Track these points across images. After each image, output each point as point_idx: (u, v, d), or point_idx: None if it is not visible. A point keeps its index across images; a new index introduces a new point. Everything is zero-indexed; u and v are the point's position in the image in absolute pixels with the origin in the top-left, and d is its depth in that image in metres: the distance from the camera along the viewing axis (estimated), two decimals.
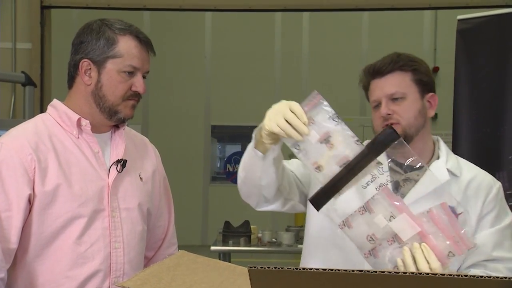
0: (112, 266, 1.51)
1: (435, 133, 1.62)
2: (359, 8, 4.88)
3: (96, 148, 1.53)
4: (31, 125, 1.52)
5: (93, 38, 1.51)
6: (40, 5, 4.48)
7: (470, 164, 1.61)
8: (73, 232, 1.47)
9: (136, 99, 1.53)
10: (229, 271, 1.31)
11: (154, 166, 1.67)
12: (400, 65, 1.51)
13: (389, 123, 1.49)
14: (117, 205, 1.53)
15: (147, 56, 1.54)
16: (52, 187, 1.46)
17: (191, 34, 7.67)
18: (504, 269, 1.49)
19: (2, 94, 4.51)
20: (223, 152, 8.55)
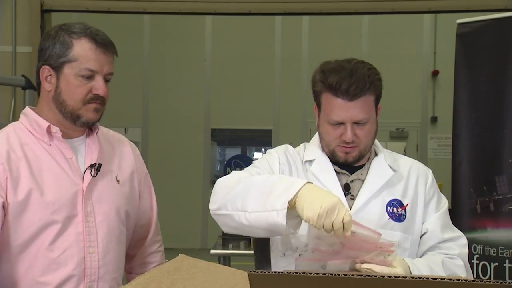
0: (86, 271, 1.51)
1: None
2: (359, 12, 4.89)
3: (69, 153, 1.52)
4: (2, 135, 1.52)
5: (50, 44, 1.50)
6: (40, 9, 4.48)
7: (401, 156, 1.68)
8: (46, 239, 1.47)
9: (99, 101, 1.51)
10: (229, 275, 1.31)
11: (132, 167, 1.66)
12: (370, 90, 1.48)
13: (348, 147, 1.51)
14: (92, 210, 1.52)
15: (106, 58, 1.51)
16: (24, 196, 1.45)
17: (191, 37, 7.68)
18: (455, 246, 1.57)
19: (2, 97, 4.51)
20: (223, 156, 8.55)
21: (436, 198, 1.61)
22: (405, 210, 1.54)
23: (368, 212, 1.52)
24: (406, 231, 1.54)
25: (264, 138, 8.01)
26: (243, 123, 7.81)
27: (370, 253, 1.31)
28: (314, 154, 1.60)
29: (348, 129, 1.49)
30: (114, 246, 1.56)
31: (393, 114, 7.53)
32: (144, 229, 1.71)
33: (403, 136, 7.60)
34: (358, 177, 1.57)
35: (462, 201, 2.88)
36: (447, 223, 1.60)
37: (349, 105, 1.48)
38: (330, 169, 1.56)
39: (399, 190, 1.56)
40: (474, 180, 2.88)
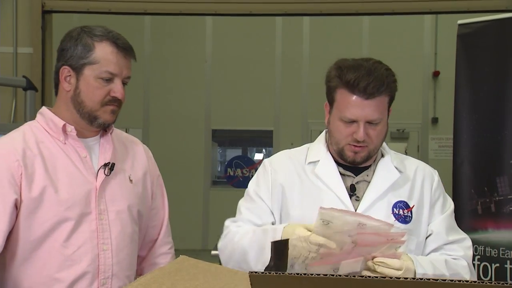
0: (100, 267, 1.53)
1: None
2: (359, 13, 4.89)
3: (84, 152, 1.55)
4: (19, 133, 1.55)
5: (72, 45, 1.53)
6: (41, 10, 4.49)
7: (408, 157, 1.68)
8: (60, 235, 1.50)
9: (116, 104, 1.54)
10: (230, 276, 1.31)
11: (145, 167, 1.69)
12: (387, 90, 1.49)
13: (358, 146, 1.51)
14: (105, 208, 1.55)
15: (126, 62, 1.55)
16: (38, 193, 1.48)
17: (191, 38, 7.68)
18: (459, 248, 1.57)
19: (3, 98, 4.51)
20: (223, 156, 8.55)
21: (442, 199, 1.60)
22: (411, 212, 1.54)
23: (373, 214, 1.48)
24: (411, 233, 1.53)
25: (264, 138, 8.01)
26: (244, 124, 7.81)
27: (382, 247, 1.30)
28: (319, 155, 1.58)
29: (361, 127, 1.48)
30: (127, 244, 1.58)
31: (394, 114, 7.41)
32: (155, 230, 1.73)
33: (404, 137, 7.59)
34: (363, 179, 1.56)
35: (463, 202, 2.88)
36: (452, 225, 1.60)
37: (365, 104, 1.47)
38: (334, 171, 1.55)
39: (405, 191, 1.56)
40: (475, 181, 2.88)
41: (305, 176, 1.57)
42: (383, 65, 1.53)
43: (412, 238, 1.53)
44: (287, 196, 1.57)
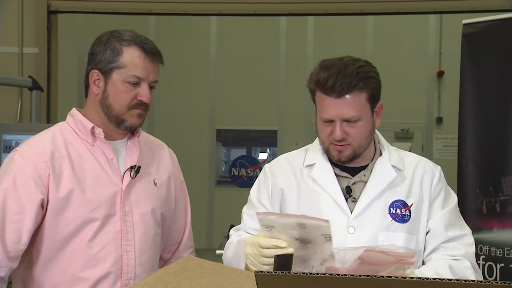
0: (123, 268, 1.56)
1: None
2: (363, 13, 4.89)
3: (111, 154, 1.59)
4: (49, 134, 1.59)
5: (101, 49, 1.56)
6: (47, 10, 4.51)
7: (409, 153, 1.65)
8: (86, 235, 1.53)
9: (142, 108, 1.57)
10: (235, 275, 1.31)
11: (169, 171, 1.72)
12: (358, 87, 1.46)
13: (340, 145, 1.50)
14: (129, 210, 1.58)
15: (153, 66, 1.57)
16: (65, 193, 1.52)
17: (196, 38, 7.69)
18: (460, 245, 1.55)
19: (9, 98, 4.53)
20: (228, 156, 8.56)
21: (442, 195, 1.58)
22: (409, 210, 1.53)
23: (370, 215, 1.51)
24: (411, 232, 1.52)
25: (269, 138, 8.01)
26: (248, 123, 7.81)
27: (390, 267, 1.28)
28: (315, 158, 1.58)
29: (337, 127, 1.47)
30: (149, 246, 1.60)
31: (398, 114, 7.51)
32: (178, 234, 1.77)
33: (408, 137, 7.58)
34: (360, 179, 1.55)
35: (468, 202, 2.88)
36: (453, 220, 1.57)
37: (337, 103, 1.46)
38: (330, 173, 1.55)
39: (403, 190, 1.54)
40: (480, 181, 2.88)
41: (302, 180, 1.57)
42: (358, 62, 1.49)
43: (411, 237, 1.52)
44: (286, 200, 1.57)
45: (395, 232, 1.51)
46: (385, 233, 1.50)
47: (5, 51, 4.51)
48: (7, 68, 4.48)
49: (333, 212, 1.51)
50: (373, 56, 7.76)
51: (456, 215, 1.59)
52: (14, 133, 4.11)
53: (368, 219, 1.51)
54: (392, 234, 1.50)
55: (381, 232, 1.50)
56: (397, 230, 1.51)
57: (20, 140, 4.09)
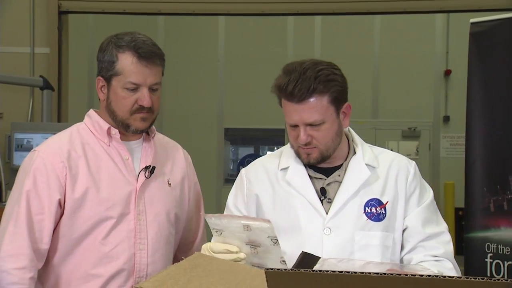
0: (135, 266, 1.58)
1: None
2: (371, 12, 4.89)
3: (126, 155, 1.60)
4: (66, 134, 1.62)
5: (101, 56, 1.58)
6: (57, 11, 4.54)
7: (384, 150, 1.64)
8: (100, 233, 1.55)
9: (145, 111, 1.56)
10: (244, 272, 1.32)
11: (183, 172, 1.73)
12: (318, 90, 1.44)
13: (307, 148, 1.49)
14: (143, 209, 1.59)
15: (149, 70, 1.55)
16: (81, 193, 1.54)
17: (204, 38, 7.70)
18: (439, 244, 1.53)
19: (21, 97, 4.57)
20: (236, 155, 8.57)
21: (418, 192, 1.56)
22: (384, 208, 1.51)
23: (345, 215, 1.50)
24: (387, 229, 1.51)
25: (276, 137, 8.02)
26: (256, 122, 7.82)
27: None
28: (288, 161, 1.57)
29: (301, 131, 1.47)
30: (162, 245, 1.62)
31: (405, 113, 7.49)
32: (191, 234, 1.78)
33: (415, 135, 7.56)
34: (335, 179, 1.54)
35: (476, 200, 2.88)
36: (430, 217, 1.55)
37: (298, 108, 1.45)
38: (304, 175, 1.54)
39: (378, 188, 1.53)
40: (487, 179, 2.88)
41: (277, 184, 1.57)
42: (319, 65, 1.46)
43: (388, 234, 1.51)
44: (262, 205, 1.57)
45: (371, 231, 1.50)
46: (361, 232, 1.49)
47: (17, 51, 4.56)
48: (19, 68, 4.52)
49: (309, 214, 1.51)
50: (380, 55, 7.75)
51: (432, 211, 1.57)
52: (25, 132, 4.15)
53: (343, 219, 1.50)
54: (368, 233, 1.49)
55: (357, 232, 1.49)
56: (373, 229, 1.50)
57: (32, 138, 4.13)
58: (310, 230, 1.50)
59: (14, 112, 4.53)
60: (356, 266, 1.26)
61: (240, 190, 1.62)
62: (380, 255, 1.49)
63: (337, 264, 1.31)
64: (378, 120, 7.49)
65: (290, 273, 0.98)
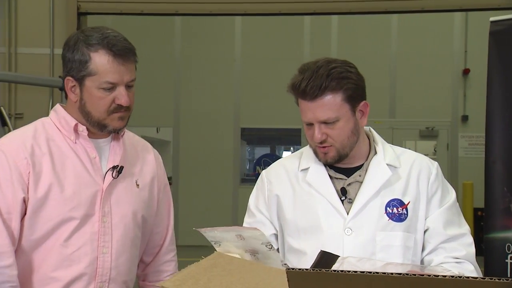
0: (98, 270, 1.50)
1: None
2: (388, 11, 4.86)
3: (93, 153, 1.52)
4: (31, 128, 1.52)
5: (70, 55, 1.48)
6: (76, 12, 4.59)
7: (405, 150, 1.62)
8: (62, 235, 1.48)
9: (122, 110, 1.49)
10: (264, 272, 1.31)
11: (153, 173, 1.64)
12: (330, 88, 1.43)
13: (323, 147, 1.48)
14: (109, 211, 1.52)
15: (125, 68, 1.47)
16: (44, 192, 1.46)
17: (221, 38, 7.73)
18: (460, 246, 1.52)
19: (41, 98, 4.63)
20: (252, 154, 8.59)
21: (440, 192, 1.54)
22: (406, 208, 1.50)
23: (366, 215, 1.49)
24: (408, 230, 1.49)
25: (293, 137, 8.03)
26: (272, 122, 7.83)
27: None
28: (309, 161, 1.56)
29: (316, 129, 1.46)
30: (127, 249, 1.55)
31: (423, 112, 7.45)
32: (159, 237, 1.69)
33: (433, 135, 7.51)
34: (356, 179, 1.53)
35: (496, 201, 2.85)
36: (452, 218, 1.53)
37: (312, 106, 1.44)
38: (324, 176, 1.53)
39: (399, 188, 1.52)
40: (508, 179, 2.85)
41: (298, 184, 1.56)
42: (332, 63, 1.46)
43: (409, 235, 1.49)
44: (283, 206, 1.56)
45: (392, 231, 1.48)
46: (382, 233, 1.47)
47: (36, 52, 4.62)
48: (38, 69, 4.58)
49: (329, 215, 1.50)
50: (397, 54, 7.70)
51: (454, 213, 1.55)
52: None
53: (364, 219, 1.48)
54: (390, 234, 1.48)
55: (378, 232, 1.47)
56: (395, 229, 1.48)
57: None
58: (331, 230, 1.49)
59: (34, 112, 4.57)
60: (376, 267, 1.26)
61: (261, 191, 1.61)
62: (401, 256, 1.48)
63: (356, 263, 1.30)
64: (395, 120, 7.45)
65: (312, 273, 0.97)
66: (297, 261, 1.50)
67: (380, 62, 7.25)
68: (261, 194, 1.61)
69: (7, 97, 4.60)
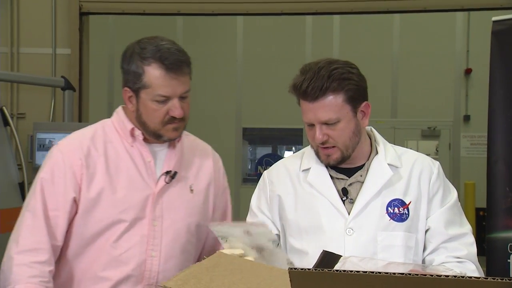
0: (145, 273, 1.53)
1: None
2: (390, 11, 4.85)
3: (148, 157, 1.56)
4: (91, 130, 1.58)
5: (126, 67, 1.52)
6: (78, 12, 4.59)
7: (407, 150, 1.62)
8: (111, 236, 1.51)
9: (176, 121, 1.52)
10: (266, 272, 1.31)
11: (209, 178, 1.66)
12: (332, 89, 1.43)
13: (325, 147, 1.49)
14: (160, 214, 1.54)
15: (178, 81, 1.49)
16: (96, 193, 1.51)
17: (222, 38, 7.73)
18: (461, 245, 1.52)
19: (43, 98, 4.64)
20: (254, 154, 8.59)
21: (441, 192, 1.55)
22: (407, 208, 1.50)
23: (367, 215, 1.49)
24: (410, 230, 1.50)
25: (294, 137, 8.02)
26: (274, 122, 7.82)
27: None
28: (310, 162, 1.57)
29: (317, 130, 1.46)
30: (177, 254, 1.56)
31: (425, 112, 7.43)
32: (217, 242, 1.66)
33: (435, 135, 7.49)
34: (357, 180, 1.53)
35: (498, 200, 2.86)
36: (453, 218, 1.54)
37: (312, 107, 1.45)
38: (325, 176, 1.53)
39: (400, 188, 1.52)
40: (510, 179, 2.85)
41: (299, 185, 1.56)
42: (333, 64, 1.46)
43: (411, 235, 1.50)
44: (284, 206, 1.57)
45: (394, 231, 1.49)
46: (384, 233, 1.48)
47: (38, 52, 4.62)
48: (40, 68, 4.58)
49: (331, 215, 1.50)
50: (399, 54, 7.69)
51: (456, 212, 1.55)
52: (47, 132, 4.21)
53: (366, 219, 1.49)
54: (391, 234, 1.48)
55: (379, 232, 1.48)
56: (396, 229, 1.49)
57: (54, 138, 4.18)
58: (332, 230, 1.49)
59: (36, 112, 4.59)
60: (378, 266, 1.26)
61: (263, 192, 1.62)
62: (403, 256, 1.48)
63: (358, 263, 1.30)
64: (397, 120, 7.43)
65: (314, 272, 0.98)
66: (299, 261, 1.50)
67: (382, 62, 7.24)
68: (263, 195, 1.62)
69: (9, 97, 4.61)
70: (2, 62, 4.62)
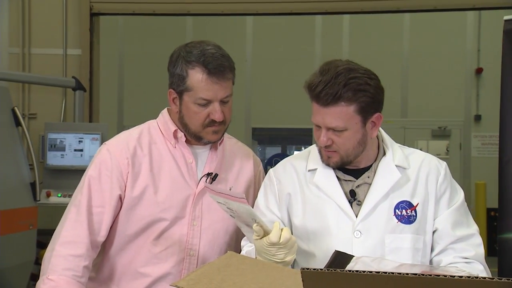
0: (183, 272, 1.56)
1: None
2: (400, 10, 4.84)
3: (190, 158, 1.60)
4: (137, 131, 1.63)
5: (172, 70, 1.56)
6: (89, 12, 4.63)
7: (414, 151, 1.61)
8: (152, 234, 1.56)
9: (216, 124, 1.55)
10: (277, 272, 1.32)
11: (249, 181, 1.69)
12: (345, 98, 1.41)
13: (327, 151, 1.48)
14: (200, 215, 1.59)
15: (220, 85, 1.52)
16: (139, 192, 1.56)
17: (232, 38, 7.74)
18: (469, 246, 1.52)
19: (54, 98, 4.67)
20: (263, 154, 8.60)
21: (448, 193, 1.54)
22: (415, 210, 1.49)
23: (375, 217, 1.48)
24: (417, 232, 1.49)
25: (304, 136, 8.02)
26: (283, 122, 7.83)
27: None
28: (317, 162, 1.55)
29: (322, 133, 1.46)
30: (215, 254, 1.59)
31: (435, 112, 7.40)
32: None
33: (446, 135, 7.46)
34: (364, 181, 1.52)
35: (509, 201, 2.83)
36: (460, 219, 1.53)
37: (322, 111, 1.43)
38: (332, 178, 1.52)
39: (408, 190, 1.51)
40: None
41: (306, 186, 1.56)
42: (352, 72, 1.42)
43: (419, 237, 1.49)
44: (293, 205, 1.57)
45: (401, 233, 1.47)
46: (391, 235, 1.47)
47: (49, 52, 4.66)
48: (51, 69, 4.62)
49: (338, 217, 1.49)
50: (409, 53, 7.66)
51: (462, 213, 1.54)
52: (58, 132, 4.24)
53: (373, 222, 1.48)
54: (399, 236, 1.47)
55: (387, 235, 1.47)
56: (404, 231, 1.48)
57: (64, 138, 4.21)
58: (340, 233, 1.49)
59: (47, 112, 4.63)
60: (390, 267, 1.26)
61: (270, 190, 1.61)
62: (411, 258, 1.47)
63: (370, 263, 1.30)
64: (408, 120, 7.41)
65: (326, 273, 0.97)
66: (306, 263, 1.50)
67: (392, 62, 7.22)
68: (271, 193, 1.61)
69: (20, 98, 4.65)
70: (14, 63, 4.66)
